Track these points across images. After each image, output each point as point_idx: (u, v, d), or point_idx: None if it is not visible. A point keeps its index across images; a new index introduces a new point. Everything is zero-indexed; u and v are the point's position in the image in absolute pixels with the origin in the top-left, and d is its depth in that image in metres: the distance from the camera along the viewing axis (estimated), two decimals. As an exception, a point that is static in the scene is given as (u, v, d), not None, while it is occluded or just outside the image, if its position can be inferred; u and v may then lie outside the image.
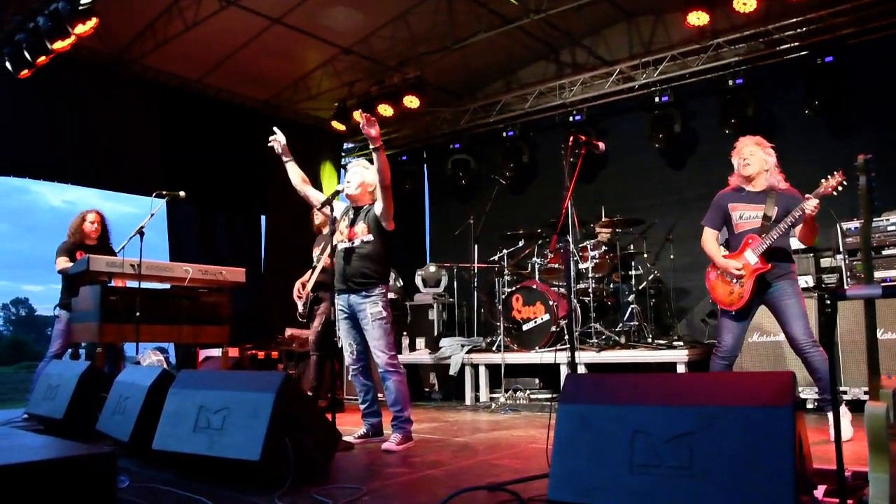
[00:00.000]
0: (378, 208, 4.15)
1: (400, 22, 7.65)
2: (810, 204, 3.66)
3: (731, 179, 4.15)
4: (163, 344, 7.30)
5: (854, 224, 5.39)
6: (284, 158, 4.45)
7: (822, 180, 3.70)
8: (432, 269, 8.13)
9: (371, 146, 4.01)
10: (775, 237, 3.82)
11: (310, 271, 5.44)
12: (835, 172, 3.67)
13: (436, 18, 7.40)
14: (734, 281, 3.94)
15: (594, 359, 6.07)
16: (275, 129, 4.45)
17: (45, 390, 4.69)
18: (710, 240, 4.12)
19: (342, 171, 10.07)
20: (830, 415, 3.83)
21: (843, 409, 3.96)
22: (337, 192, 4.34)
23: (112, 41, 7.21)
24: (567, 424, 2.28)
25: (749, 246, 3.90)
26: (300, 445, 2.95)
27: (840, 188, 3.65)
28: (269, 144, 4.42)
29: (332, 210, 4.24)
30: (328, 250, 4.57)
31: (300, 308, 5.28)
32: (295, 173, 4.48)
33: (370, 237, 4.16)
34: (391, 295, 5.19)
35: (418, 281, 8.15)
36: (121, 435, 3.62)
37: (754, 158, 3.97)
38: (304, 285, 5.37)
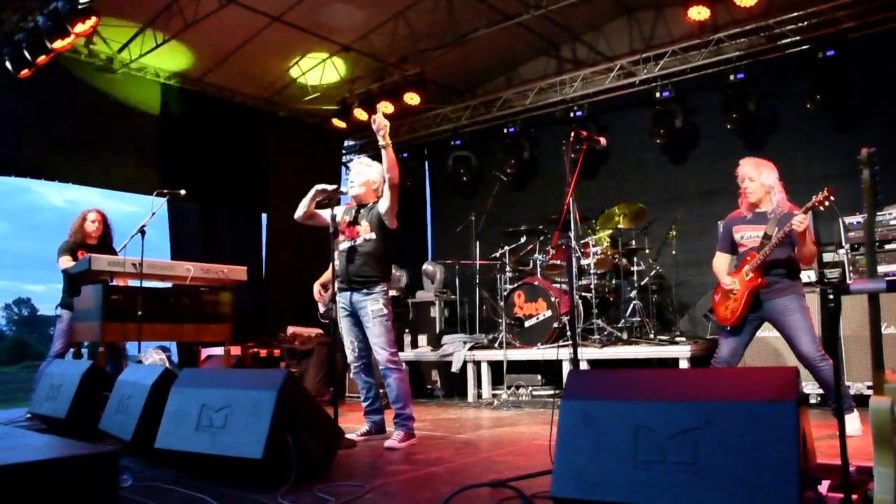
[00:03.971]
0: (382, 206, 4.13)
1: (400, 19, 7.62)
2: (797, 219, 3.72)
3: (739, 201, 4.19)
4: (165, 343, 7.32)
5: (857, 218, 5.38)
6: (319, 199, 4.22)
7: (813, 196, 3.75)
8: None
9: (380, 143, 4.00)
10: (768, 252, 3.88)
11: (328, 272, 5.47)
12: (824, 189, 3.72)
13: (436, 15, 7.37)
14: (730, 296, 4.02)
15: (596, 355, 6.07)
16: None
17: (48, 390, 4.70)
18: (718, 263, 4.24)
19: (343, 168, 10.06)
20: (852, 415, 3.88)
21: (855, 414, 3.94)
22: (341, 194, 4.31)
23: (112, 40, 7.20)
24: (570, 420, 2.28)
25: (747, 263, 3.98)
26: (303, 443, 2.94)
27: (827, 203, 3.70)
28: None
29: (332, 209, 4.23)
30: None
31: (321, 308, 5.33)
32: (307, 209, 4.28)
33: (372, 235, 4.16)
34: (392, 292, 5.19)
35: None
36: (123, 434, 3.63)
37: (754, 185, 4.01)
38: (323, 286, 5.40)
